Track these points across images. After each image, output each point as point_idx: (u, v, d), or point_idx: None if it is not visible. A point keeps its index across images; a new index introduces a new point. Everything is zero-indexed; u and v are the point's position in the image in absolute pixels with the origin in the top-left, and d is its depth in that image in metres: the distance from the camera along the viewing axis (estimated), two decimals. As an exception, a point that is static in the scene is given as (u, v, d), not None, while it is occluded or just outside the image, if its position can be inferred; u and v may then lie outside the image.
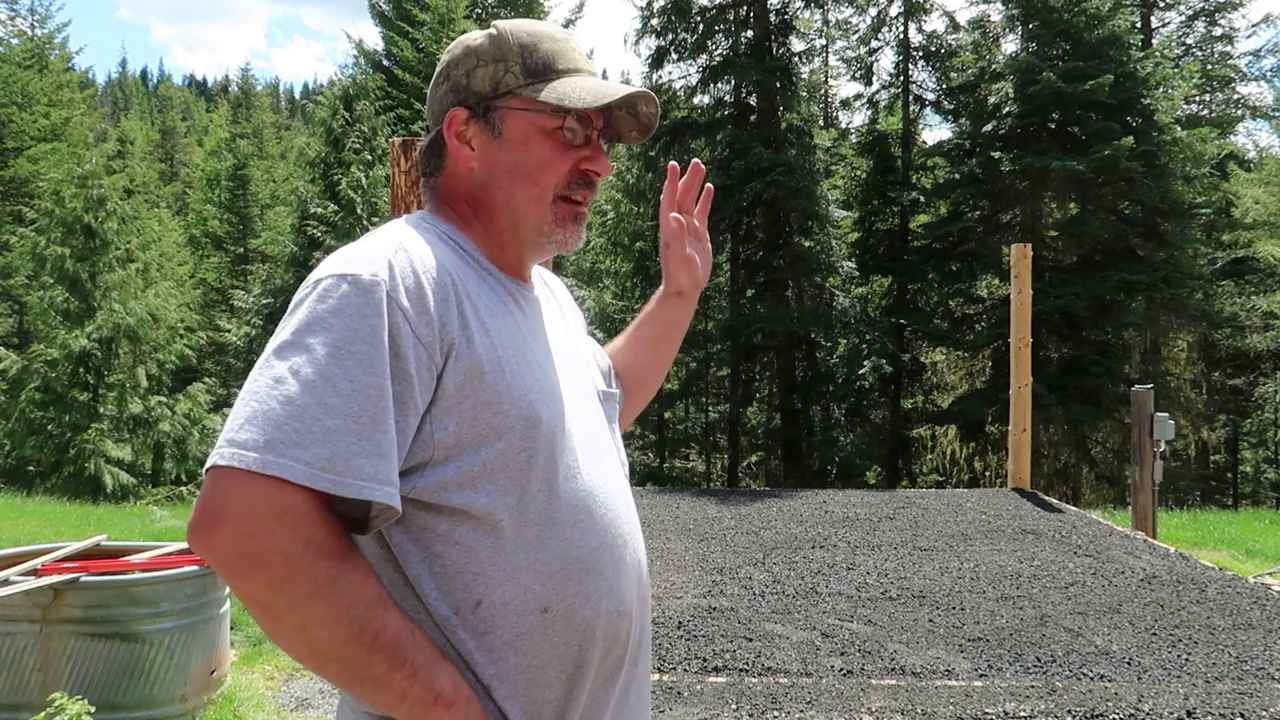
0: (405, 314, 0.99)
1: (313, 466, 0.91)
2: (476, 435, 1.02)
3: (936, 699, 3.63)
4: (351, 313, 0.97)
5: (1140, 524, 7.63)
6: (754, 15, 17.58)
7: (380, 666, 0.94)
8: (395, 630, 0.95)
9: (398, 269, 1.01)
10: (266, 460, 0.90)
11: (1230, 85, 21.90)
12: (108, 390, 16.79)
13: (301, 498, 0.91)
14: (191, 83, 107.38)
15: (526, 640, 1.04)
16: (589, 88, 1.14)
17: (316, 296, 0.99)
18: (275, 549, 0.89)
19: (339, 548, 0.94)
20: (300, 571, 0.90)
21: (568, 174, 1.16)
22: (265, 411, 0.92)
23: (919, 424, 19.24)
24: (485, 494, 1.03)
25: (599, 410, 1.24)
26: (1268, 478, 22.66)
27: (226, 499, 0.90)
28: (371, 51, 21.78)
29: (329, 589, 0.91)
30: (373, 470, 0.93)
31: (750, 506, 7.95)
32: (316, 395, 0.93)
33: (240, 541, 0.89)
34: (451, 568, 1.03)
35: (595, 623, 1.08)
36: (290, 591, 0.90)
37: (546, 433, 1.06)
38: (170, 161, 49.04)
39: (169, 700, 3.46)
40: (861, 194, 19.59)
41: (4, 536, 7.32)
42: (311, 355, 0.95)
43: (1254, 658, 4.11)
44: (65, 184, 17.50)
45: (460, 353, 1.02)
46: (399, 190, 4.87)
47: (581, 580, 1.07)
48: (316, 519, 0.92)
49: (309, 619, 0.91)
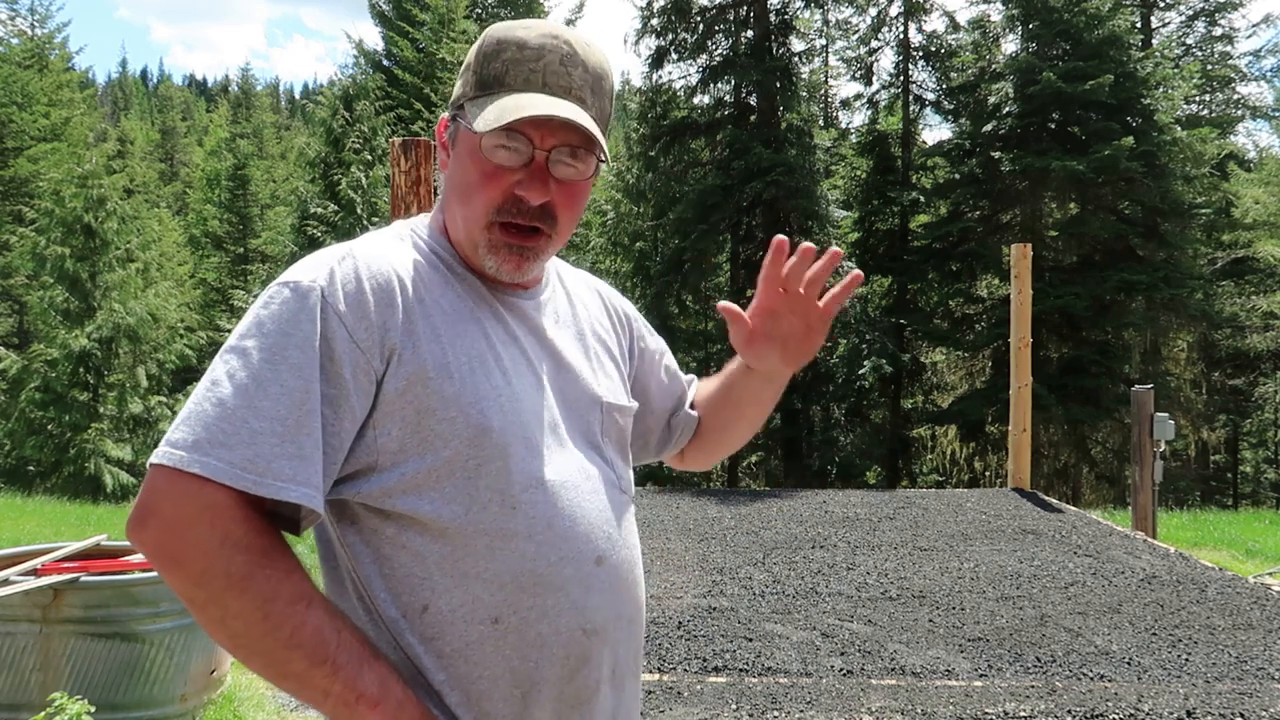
0: (341, 318, 1.00)
1: (235, 466, 0.93)
2: (421, 441, 1.02)
3: (936, 699, 3.63)
4: (287, 318, 0.99)
5: (1140, 524, 7.63)
6: (754, 15, 17.58)
7: (300, 663, 0.95)
8: (316, 628, 0.95)
9: (339, 275, 1.02)
10: (192, 459, 0.93)
11: (1230, 85, 21.90)
12: (108, 390, 16.80)
13: (223, 495, 0.93)
14: (191, 83, 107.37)
15: (477, 650, 1.03)
16: (506, 107, 1.05)
17: (261, 303, 1.01)
18: (194, 543, 0.93)
19: (258, 544, 0.95)
20: (216, 565, 0.93)
21: (500, 198, 1.08)
22: (199, 413, 0.95)
23: (919, 424, 19.25)
24: (430, 500, 1.02)
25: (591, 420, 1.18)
26: (1268, 478, 22.66)
27: (156, 495, 0.94)
28: (371, 51, 21.78)
29: (244, 583, 0.93)
30: (291, 472, 0.95)
31: (750, 506, 7.95)
32: (247, 398, 0.95)
33: (165, 535, 0.93)
34: (399, 570, 1.03)
35: (553, 639, 1.06)
36: (208, 585, 0.93)
37: (499, 441, 1.04)
38: (170, 161, 49.05)
39: (169, 700, 3.46)
40: (861, 194, 19.59)
41: (4, 536, 7.32)
42: (247, 359, 0.97)
43: (1254, 658, 4.11)
44: (65, 184, 17.51)
45: (404, 358, 1.02)
46: (399, 190, 4.87)
47: (536, 594, 1.05)
48: (236, 516, 0.94)
49: (226, 612, 0.93)
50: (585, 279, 1.36)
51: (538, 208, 1.09)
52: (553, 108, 1.06)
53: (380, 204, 16.70)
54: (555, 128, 1.08)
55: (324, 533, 1.09)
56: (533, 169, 1.08)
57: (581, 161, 1.11)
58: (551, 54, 1.10)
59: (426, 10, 19.21)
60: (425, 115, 17.40)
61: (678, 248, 17.33)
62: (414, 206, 4.79)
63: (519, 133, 1.07)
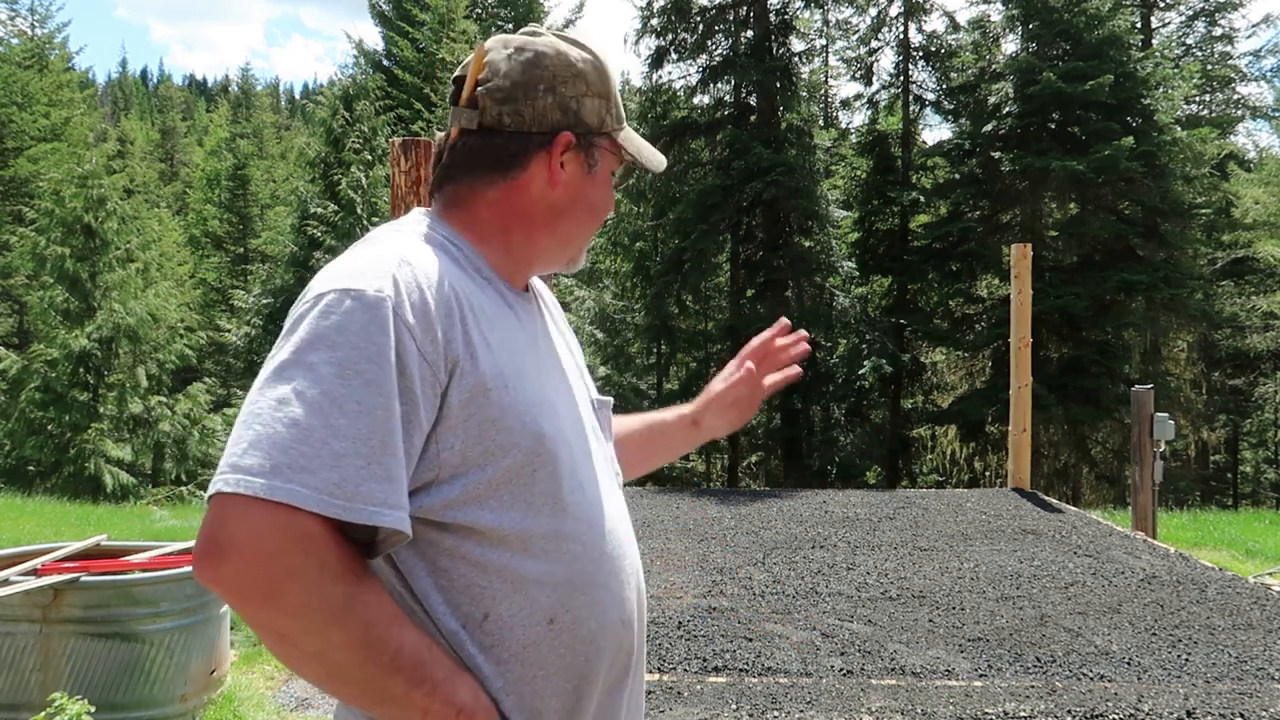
0: (411, 331, 0.96)
1: (321, 492, 0.88)
2: (482, 453, 1.00)
3: (936, 699, 3.63)
4: (356, 330, 0.93)
5: (1140, 524, 7.63)
6: (754, 15, 17.58)
7: (400, 686, 0.93)
8: (413, 648, 0.94)
9: (403, 284, 0.98)
10: (274, 486, 0.87)
11: (1230, 85, 21.89)
12: (108, 390, 16.80)
13: (312, 523, 0.89)
14: (191, 83, 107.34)
15: (533, 652, 1.04)
16: (651, 149, 1.23)
17: (319, 313, 0.95)
18: (289, 575, 0.87)
19: (353, 570, 0.92)
20: (316, 596, 0.88)
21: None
22: (271, 435, 0.89)
23: (919, 424, 19.24)
24: (491, 510, 1.01)
25: (594, 420, 1.22)
26: (1268, 478, 22.66)
27: (233, 528, 0.87)
28: (371, 51, 21.80)
29: (345, 613, 0.90)
30: (383, 495, 0.91)
31: (750, 506, 7.95)
32: (323, 417, 0.90)
33: (253, 570, 0.87)
34: (459, 582, 1.02)
35: (601, 634, 1.09)
36: (307, 617, 0.89)
37: (550, 447, 1.05)
38: (170, 161, 49.04)
39: (169, 700, 3.46)
40: (861, 194, 19.59)
41: (4, 536, 7.31)
42: (316, 375, 0.91)
43: (1254, 658, 4.11)
44: (65, 184, 17.51)
45: (464, 369, 1.00)
46: (399, 190, 4.87)
47: (587, 592, 1.07)
48: (329, 543, 0.90)
49: (328, 644, 0.90)
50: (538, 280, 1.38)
51: None
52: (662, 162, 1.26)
53: (380, 204, 16.70)
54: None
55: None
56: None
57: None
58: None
59: (426, 10, 19.22)
60: (425, 115, 17.41)
61: (678, 248, 17.33)
62: (414, 206, 4.79)
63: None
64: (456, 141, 1.16)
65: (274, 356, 0.95)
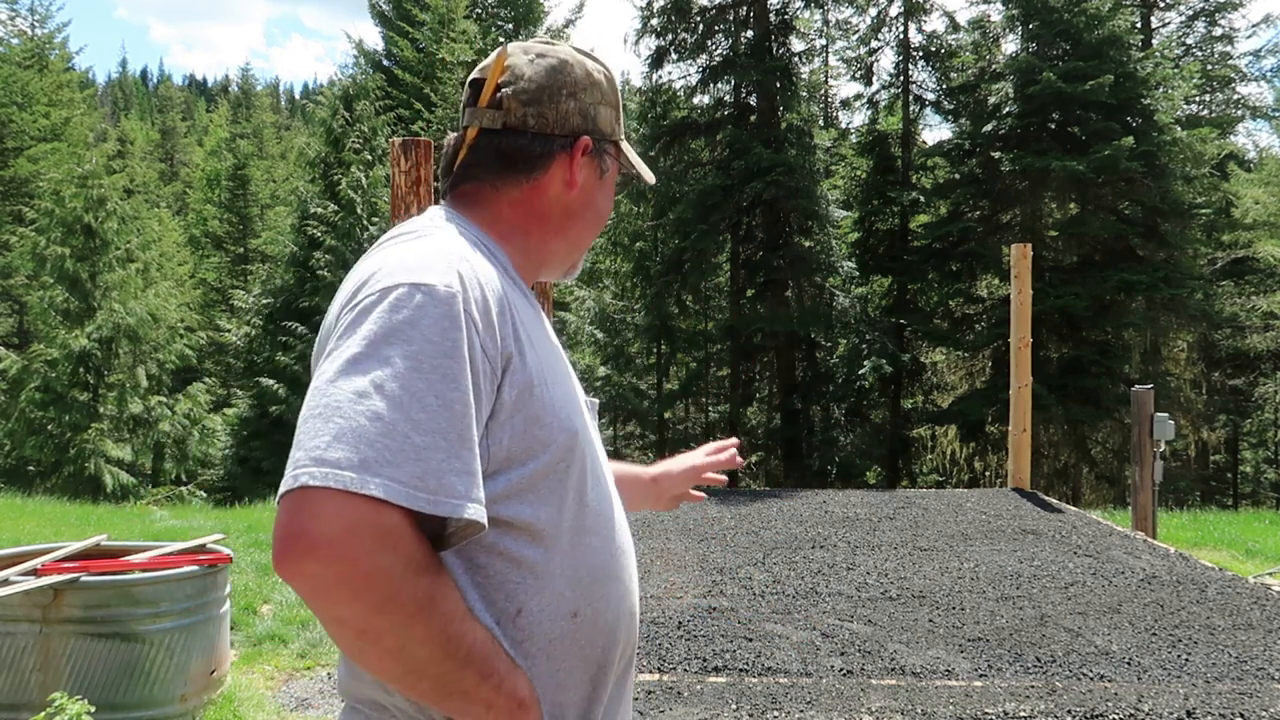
0: (476, 327, 0.98)
1: (407, 486, 0.88)
2: (526, 449, 1.03)
3: (936, 699, 3.63)
4: (429, 324, 0.94)
5: (1140, 524, 7.63)
6: (754, 15, 17.58)
7: (471, 680, 0.95)
8: (483, 642, 0.97)
9: (468, 280, 1.00)
10: (364, 480, 0.86)
11: (1230, 85, 21.88)
12: (108, 390, 16.80)
13: (399, 517, 0.88)
14: (191, 83, 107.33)
15: (557, 645, 1.06)
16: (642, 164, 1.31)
17: (389, 306, 0.95)
18: (379, 571, 0.87)
19: (433, 564, 0.93)
20: (404, 592, 0.89)
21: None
22: (355, 429, 0.88)
23: (919, 424, 19.24)
24: (530, 505, 1.03)
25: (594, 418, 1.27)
26: (1268, 478, 22.65)
27: (321, 522, 0.86)
28: (371, 51, 21.80)
29: (430, 607, 0.91)
30: (464, 488, 0.92)
31: (750, 506, 7.95)
32: (404, 411, 0.90)
33: (342, 565, 0.86)
34: (495, 578, 1.03)
35: (617, 625, 1.12)
36: (394, 613, 0.89)
37: (581, 444, 1.09)
38: (170, 161, 49.05)
39: (169, 700, 3.46)
40: (861, 194, 19.58)
41: (4, 536, 7.31)
42: (393, 369, 0.91)
43: (1254, 658, 4.11)
44: (65, 184, 17.52)
45: (515, 367, 1.02)
46: (399, 190, 4.86)
47: (605, 584, 1.11)
48: (413, 537, 0.90)
49: (410, 639, 0.90)
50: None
51: None
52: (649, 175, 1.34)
53: (380, 204, 16.69)
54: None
55: None
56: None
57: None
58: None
59: (426, 10, 19.21)
60: (425, 115, 17.40)
61: (678, 248, 17.33)
62: (414, 206, 4.79)
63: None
64: (475, 141, 1.17)
65: (342, 349, 0.94)
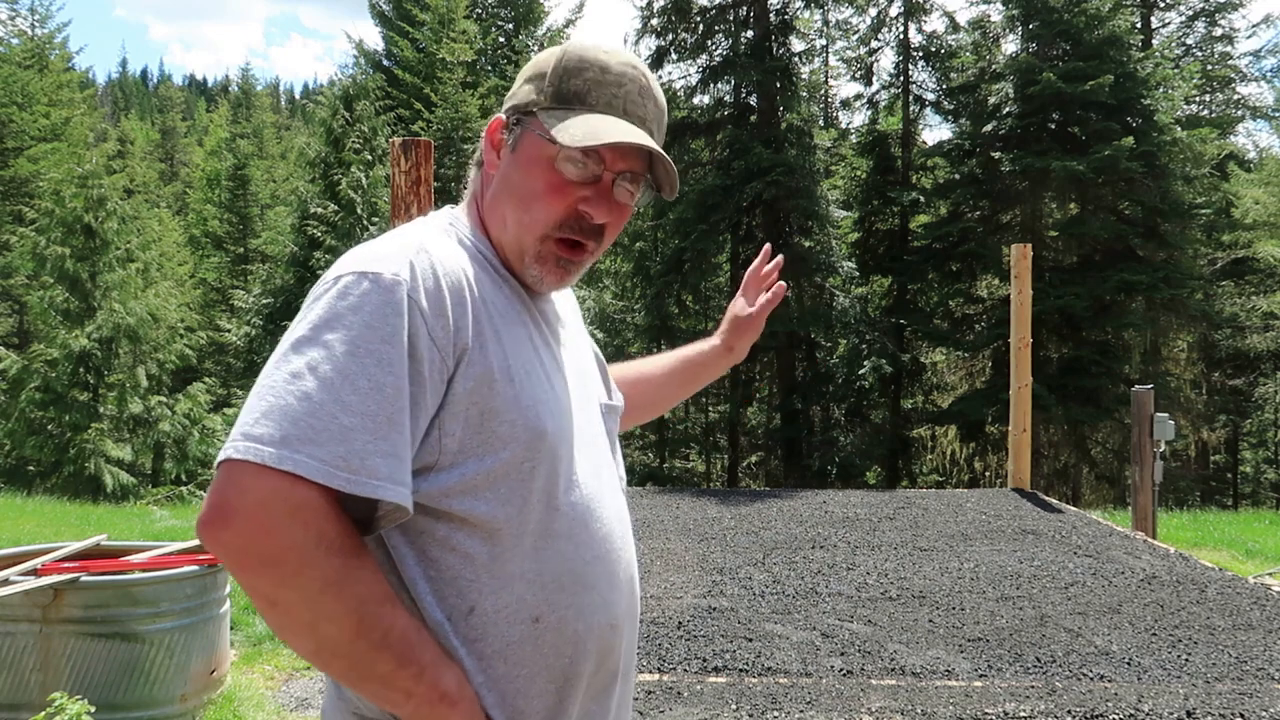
0: (424, 315, 0.99)
1: (327, 464, 0.91)
2: (482, 443, 1.02)
3: (936, 699, 3.63)
4: (371, 310, 0.96)
5: (1140, 524, 7.63)
6: (754, 15, 17.58)
7: (387, 664, 0.94)
8: (403, 629, 0.96)
9: (419, 270, 1.01)
10: (282, 455, 0.90)
11: (1230, 85, 21.89)
12: (108, 390, 16.80)
13: (315, 494, 0.91)
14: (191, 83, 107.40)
15: (516, 649, 1.04)
16: (595, 128, 1.09)
17: (336, 293, 0.98)
18: (288, 544, 0.90)
19: (350, 545, 0.94)
20: (312, 567, 0.90)
21: (563, 212, 1.12)
22: (282, 407, 0.92)
23: (919, 424, 19.24)
24: (486, 502, 1.03)
25: (601, 423, 1.24)
26: (1268, 478, 22.65)
27: (239, 493, 0.90)
28: (371, 51, 21.79)
29: (339, 585, 0.91)
30: (387, 470, 0.94)
31: (750, 506, 7.95)
32: (334, 392, 0.93)
33: (253, 536, 0.89)
34: (447, 573, 1.03)
35: (587, 636, 1.09)
36: (302, 587, 0.91)
37: (550, 445, 1.07)
38: (170, 161, 49.04)
39: (169, 700, 3.46)
40: (861, 194, 19.59)
41: (4, 536, 7.32)
42: (330, 352, 0.94)
43: (1254, 658, 4.11)
44: (65, 184, 17.51)
45: (472, 359, 1.02)
46: (399, 190, 4.86)
47: (574, 592, 1.08)
48: (329, 515, 0.92)
49: (319, 615, 0.92)
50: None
51: (595, 226, 1.14)
52: (639, 137, 1.11)
53: (380, 204, 16.69)
54: (626, 153, 1.13)
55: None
56: (599, 188, 1.13)
57: (637, 188, 1.17)
58: (631, 83, 1.14)
59: (426, 10, 19.20)
60: (425, 115, 17.39)
61: (678, 248, 17.33)
62: (414, 206, 4.78)
63: (596, 153, 1.11)
64: None
65: (291, 333, 0.98)
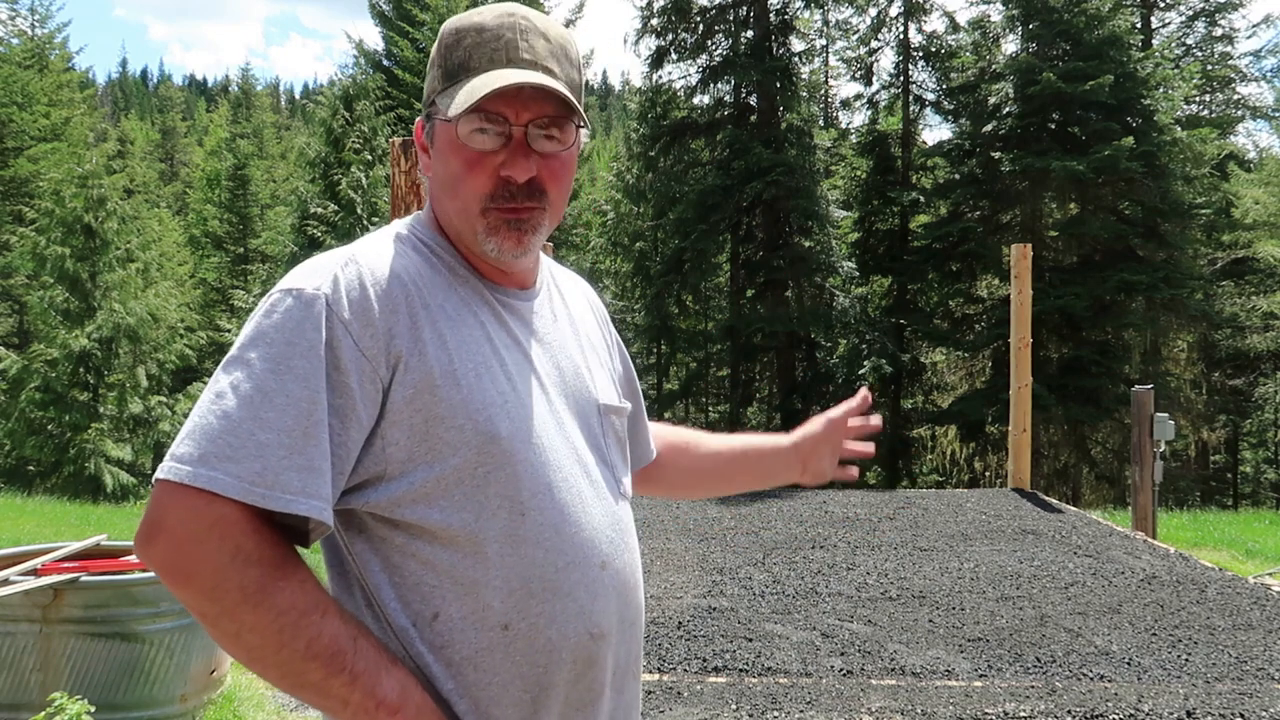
0: (347, 326, 0.99)
1: (242, 480, 0.93)
2: (429, 450, 1.01)
3: (936, 699, 3.63)
4: (291, 327, 0.98)
5: (1140, 524, 7.63)
6: (754, 15, 17.59)
7: (317, 673, 0.94)
8: (332, 637, 0.95)
9: (342, 281, 1.01)
10: (198, 474, 0.92)
11: (1230, 85, 21.87)
12: (108, 390, 16.81)
13: (231, 509, 0.92)
14: (191, 83, 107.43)
15: (486, 657, 1.02)
16: (474, 87, 1.05)
17: (264, 311, 1.00)
18: (204, 559, 0.92)
19: (271, 557, 0.94)
20: (229, 580, 0.92)
21: (486, 183, 1.07)
22: (204, 426, 0.94)
23: (919, 424, 19.24)
24: (439, 509, 1.01)
25: (592, 423, 1.17)
26: (1268, 478, 22.65)
27: (163, 511, 0.93)
28: (371, 51, 21.78)
29: (258, 597, 0.92)
30: (300, 484, 0.94)
31: (750, 506, 7.95)
32: (253, 410, 0.94)
33: (174, 552, 0.93)
34: (409, 579, 1.02)
35: (561, 644, 1.05)
36: (221, 600, 0.92)
37: (506, 448, 1.03)
38: (170, 161, 49.06)
39: (169, 700, 3.46)
40: (861, 194, 19.59)
41: (4, 536, 7.31)
42: (251, 370, 0.96)
43: (1254, 658, 4.11)
44: (65, 184, 17.52)
45: (410, 365, 1.01)
46: (399, 190, 4.86)
47: (545, 600, 1.04)
48: (247, 529, 0.93)
49: (241, 626, 0.93)
50: (573, 277, 1.35)
51: (525, 186, 1.08)
52: (519, 77, 1.05)
53: (380, 204, 16.69)
54: (528, 100, 1.06)
55: (332, 541, 1.08)
56: (513, 146, 1.07)
57: (561, 131, 1.09)
58: (510, 30, 1.09)
59: (426, 10, 19.21)
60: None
61: (678, 248, 17.33)
62: (414, 206, 4.79)
63: (494, 113, 1.05)
64: None
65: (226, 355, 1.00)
